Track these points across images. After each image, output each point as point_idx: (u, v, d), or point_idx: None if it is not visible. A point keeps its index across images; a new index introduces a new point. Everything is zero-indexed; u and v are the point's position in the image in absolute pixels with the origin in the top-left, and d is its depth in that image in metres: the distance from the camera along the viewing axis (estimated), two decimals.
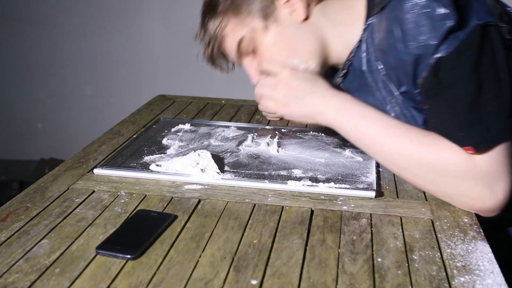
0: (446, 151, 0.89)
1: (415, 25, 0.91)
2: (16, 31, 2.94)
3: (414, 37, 0.91)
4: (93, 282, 0.70)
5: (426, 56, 0.91)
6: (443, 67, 0.90)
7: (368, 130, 0.96)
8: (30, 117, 3.09)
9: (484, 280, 0.72)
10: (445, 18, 0.88)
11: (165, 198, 0.95)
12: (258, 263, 0.75)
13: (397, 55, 0.95)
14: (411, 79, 0.96)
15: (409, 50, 0.92)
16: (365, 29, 1.02)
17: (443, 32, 0.88)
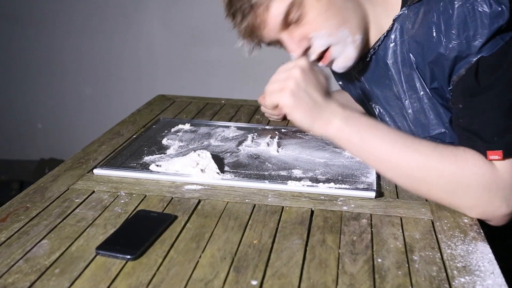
0: (470, 162, 0.86)
1: (463, 19, 0.87)
2: (16, 31, 2.94)
3: (460, 33, 0.87)
4: (93, 283, 0.70)
5: (469, 53, 0.88)
6: (484, 68, 0.87)
7: (381, 140, 0.89)
8: (30, 117, 3.09)
9: (484, 281, 0.72)
10: (498, 16, 0.85)
11: (165, 198, 0.95)
12: (258, 264, 0.75)
13: (436, 49, 0.91)
14: (446, 75, 0.93)
15: (451, 45, 0.89)
16: (396, 19, 1.00)
17: (493, 31, 0.85)
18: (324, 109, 0.90)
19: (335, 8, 0.98)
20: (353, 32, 1.00)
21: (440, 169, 0.86)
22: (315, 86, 0.90)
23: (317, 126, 0.90)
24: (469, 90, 0.89)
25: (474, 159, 0.86)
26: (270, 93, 0.93)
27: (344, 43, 1.00)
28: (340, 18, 0.99)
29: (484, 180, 0.85)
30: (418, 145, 0.88)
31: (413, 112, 1.03)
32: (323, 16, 0.98)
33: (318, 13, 0.98)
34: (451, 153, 0.87)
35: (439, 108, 1.00)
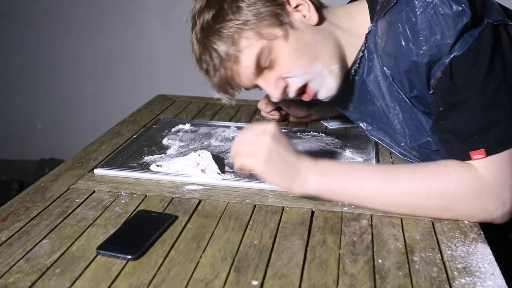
0: (452, 175, 0.86)
1: (428, 25, 0.88)
2: (16, 31, 2.93)
3: (428, 38, 0.88)
4: (94, 283, 0.70)
5: (441, 56, 0.89)
6: (458, 67, 0.88)
7: (360, 183, 0.89)
8: (30, 117, 3.09)
9: (484, 282, 0.72)
10: (460, 15, 0.86)
11: (165, 198, 0.95)
12: (258, 264, 0.75)
13: (408, 58, 0.92)
14: (424, 81, 0.93)
15: (422, 51, 0.90)
16: (367, 36, 1.02)
17: (459, 30, 0.86)
18: (298, 169, 0.89)
19: (304, 45, 1.00)
20: (328, 63, 1.02)
21: (425, 191, 0.87)
22: (286, 149, 0.90)
23: (296, 187, 0.90)
24: (447, 91, 0.90)
25: (455, 171, 0.86)
26: (240, 155, 0.92)
27: (321, 76, 1.02)
28: (311, 54, 1.01)
29: (471, 188, 0.85)
30: (397, 174, 0.89)
31: (399, 123, 1.04)
32: (293, 57, 1.00)
33: (287, 54, 1.00)
34: (432, 172, 0.87)
35: (421, 116, 1.00)
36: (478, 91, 0.87)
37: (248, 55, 0.99)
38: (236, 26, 0.98)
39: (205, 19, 1.01)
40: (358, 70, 1.05)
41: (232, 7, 0.99)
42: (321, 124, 1.39)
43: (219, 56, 1.00)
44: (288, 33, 0.99)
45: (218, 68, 1.01)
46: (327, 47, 1.02)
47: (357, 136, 1.27)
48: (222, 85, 1.04)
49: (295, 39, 1.00)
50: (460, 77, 0.88)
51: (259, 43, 0.98)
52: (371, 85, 1.04)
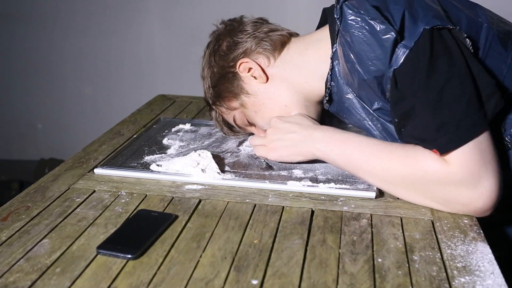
0: (421, 161, 0.89)
1: (363, 46, 0.94)
2: (16, 31, 2.93)
3: (367, 57, 0.94)
4: (94, 282, 0.70)
5: (384, 70, 0.93)
6: (400, 78, 0.92)
7: (352, 153, 0.98)
8: (30, 117, 3.09)
9: (484, 281, 0.72)
10: (386, 32, 0.91)
11: (165, 198, 0.95)
12: (258, 263, 0.75)
13: (358, 76, 0.98)
14: (380, 95, 0.98)
15: (367, 69, 0.95)
16: (332, 57, 1.06)
17: (389, 46, 0.91)
18: (301, 141, 1.05)
19: (261, 106, 1.14)
20: (286, 112, 1.13)
21: (399, 171, 0.92)
22: (286, 131, 1.07)
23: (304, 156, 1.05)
24: (397, 102, 0.94)
25: (424, 157, 0.89)
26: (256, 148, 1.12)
27: None
28: (268, 111, 1.14)
29: (437, 176, 0.88)
30: (381, 150, 0.95)
31: (379, 133, 1.07)
32: (256, 118, 1.16)
33: (252, 117, 1.16)
34: (404, 154, 0.92)
35: (389, 127, 1.04)
36: (422, 97, 0.90)
37: (229, 121, 1.21)
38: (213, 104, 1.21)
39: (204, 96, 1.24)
40: (332, 88, 1.09)
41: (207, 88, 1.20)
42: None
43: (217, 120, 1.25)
44: (244, 102, 1.15)
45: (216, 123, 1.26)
46: (281, 98, 1.13)
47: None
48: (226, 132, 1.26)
49: (251, 104, 1.15)
50: (404, 86, 0.92)
51: (230, 114, 1.19)
52: (346, 102, 1.09)
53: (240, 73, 1.14)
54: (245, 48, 1.14)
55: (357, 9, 0.94)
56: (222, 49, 1.16)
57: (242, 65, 1.13)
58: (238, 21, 1.19)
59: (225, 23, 1.20)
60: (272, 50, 1.13)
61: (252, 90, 1.14)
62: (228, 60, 1.15)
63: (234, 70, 1.14)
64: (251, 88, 1.14)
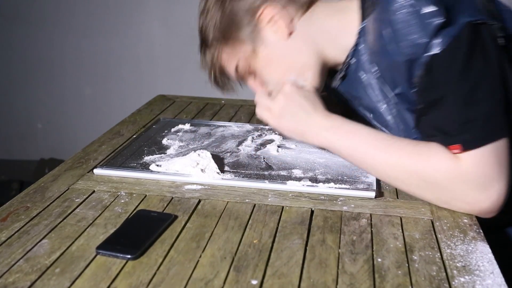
0: (433, 159, 0.88)
1: (404, 25, 0.91)
2: (16, 31, 2.94)
3: (405, 37, 0.91)
4: (94, 282, 0.70)
5: (418, 55, 0.91)
6: (437, 65, 0.90)
7: (358, 145, 0.97)
8: (30, 117, 3.09)
9: (484, 281, 0.72)
10: (433, 16, 0.88)
11: (165, 198, 0.95)
12: (258, 263, 0.75)
13: (389, 56, 0.95)
14: (406, 79, 0.96)
15: (401, 50, 0.92)
16: (360, 32, 1.03)
17: (432, 30, 0.88)
18: (309, 125, 1.01)
19: (275, 59, 1.08)
20: (301, 72, 1.06)
21: (408, 168, 0.91)
22: (299, 106, 1.01)
23: (307, 139, 1.03)
24: (426, 89, 0.92)
25: (437, 155, 0.88)
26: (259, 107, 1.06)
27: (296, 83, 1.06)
28: (282, 67, 1.07)
29: (448, 175, 0.87)
30: (390, 145, 0.94)
31: (392, 118, 1.05)
32: (265, 71, 1.09)
33: (260, 69, 1.09)
34: (416, 151, 0.91)
35: (405, 113, 1.02)
36: (455, 89, 0.89)
37: (229, 68, 1.12)
38: (216, 44, 1.09)
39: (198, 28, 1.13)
40: (350, 65, 1.06)
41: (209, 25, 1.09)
42: None
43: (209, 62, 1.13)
44: (258, 50, 1.07)
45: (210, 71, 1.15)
46: (301, 57, 1.07)
47: None
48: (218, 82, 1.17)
49: (265, 55, 1.07)
50: (438, 75, 0.90)
51: (235, 59, 1.10)
52: (365, 81, 1.05)
53: (260, 21, 1.06)
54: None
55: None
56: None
57: (265, 13, 1.05)
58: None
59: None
60: (300, 5, 1.06)
61: (270, 42, 1.06)
62: (247, 3, 1.05)
63: (253, 16, 1.06)
64: (269, 40, 1.06)
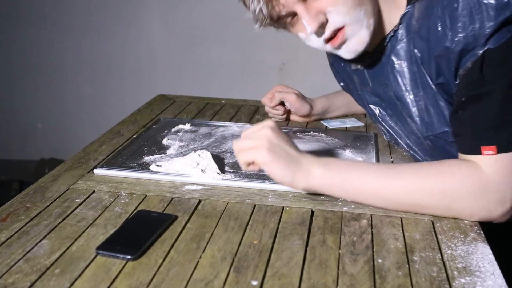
0: (457, 174, 0.86)
1: (469, 12, 0.86)
2: (16, 31, 2.94)
3: (466, 25, 0.86)
4: (93, 283, 0.70)
5: (475, 46, 0.87)
6: (489, 61, 0.87)
7: (363, 176, 0.90)
8: (30, 117, 3.09)
9: (484, 282, 0.72)
10: (504, 8, 0.84)
11: (165, 198, 0.95)
12: (258, 264, 0.75)
13: (442, 43, 0.90)
14: (453, 69, 0.92)
15: (457, 38, 0.88)
16: (402, 17, 1.00)
17: (499, 23, 0.84)
18: (300, 162, 0.91)
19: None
20: (368, 15, 0.98)
21: (428, 189, 0.87)
22: (287, 142, 0.92)
23: (298, 178, 0.90)
24: (473, 83, 0.89)
25: (460, 170, 0.86)
26: (242, 151, 0.92)
27: (360, 24, 0.98)
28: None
29: (474, 187, 0.86)
30: (401, 171, 0.90)
31: (418, 110, 1.03)
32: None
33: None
34: (436, 171, 0.88)
35: (443, 106, 0.99)
36: (503, 87, 0.86)
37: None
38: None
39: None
40: (385, 48, 1.03)
41: None
42: (321, 124, 1.39)
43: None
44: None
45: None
46: (372, 3, 0.99)
47: (357, 136, 1.27)
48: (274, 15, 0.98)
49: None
50: (489, 70, 0.87)
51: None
52: (397, 66, 1.02)
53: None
54: None
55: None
56: None
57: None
58: None
59: None
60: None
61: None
62: None
63: None
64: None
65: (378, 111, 1.14)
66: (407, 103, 1.03)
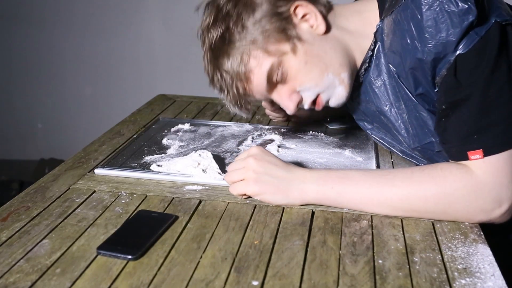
0: (449, 178, 0.87)
1: (433, 22, 0.87)
2: (16, 31, 2.93)
3: (433, 35, 0.88)
4: (94, 283, 0.70)
5: (446, 53, 0.88)
6: (462, 66, 0.88)
7: (357, 188, 0.91)
8: (30, 117, 3.09)
9: (485, 283, 0.72)
10: (466, 13, 0.85)
11: (166, 198, 0.95)
12: (259, 264, 0.75)
13: (414, 55, 0.91)
14: (430, 79, 0.93)
15: (427, 48, 0.89)
16: (375, 34, 1.01)
17: (464, 28, 0.85)
18: (291, 181, 0.92)
19: (313, 57, 1.00)
20: (338, 72, 1.01)
21: (422, 195, 0.88)
22: (273, 165, 0.93)
23: (293, 199, 0.92)
24: (450, 89, 0.89)
25: (452, 173, 0.87)
26: (234, 184, 0.95)
27: (333, 87, 1.02)
28: (321, 65, 1.00)
29: (467, 190, 0.86)
30: (393, 178, 0.90)
31: (403, 123, 1.04)
32: (303, 70, 0.99)
33: (298, 69, 0.99)
34: (428, 175, 0.88)
35: (426, 117, 1.00)
36: (480, 90, 0.86)
37: (258, 74, 0.99)
38: (244, 46, 0.98)
39: (213, 39, 1.00)
40: (368, 69, 1.04)
41: (238, 26, 0.98)
42: (321, 124, 1.38)
43: (230, 76, 1.00)
44: (296, 47, 0.98)
45: (231, 87, 1.02)
46: (337, 56, 1.01)
47: (357, 136, 1.27)
48: (237, 102, 1.04)
49: (304, 52, 0.99)
50: (464, 75, 0.88)
51: (268, 61, 0.98)
52: (376, 83, 1.03)
53: (294, 16, 0.99)
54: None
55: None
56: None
57: (299, 9, 0.99)
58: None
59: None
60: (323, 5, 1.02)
61: (306, 38, 0.99)
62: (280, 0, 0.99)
63: (288, 11, 0.99)
64: (305, 36, 0.99)
65: (365, 125, 1.15)
66: (391, 117, 1.04)
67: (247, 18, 0.97)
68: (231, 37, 0.98)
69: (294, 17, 1.00)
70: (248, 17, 0.97)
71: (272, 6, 0.98)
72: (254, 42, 0.97)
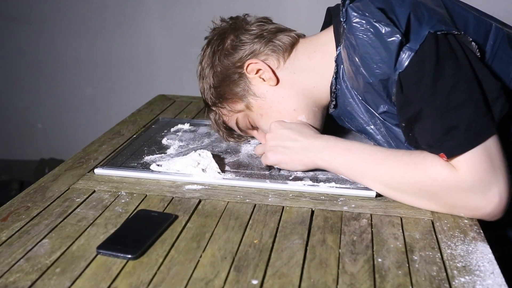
0: (429, 168, 0.88)
1: (368, 48, 0.92)
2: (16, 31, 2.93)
3: (372, 60, 0.93)
4: (94, 282, 0.70)
5: (389, 73, 0.92)
6: (405, 82, 0.91)
7: (355, 161, 0.97)
8: (30, 117, 3.09)
9: (484, 281, 0.72)
10: (391, 35, 0.90)
11: (165, 198, 0.95)
12: (258, 263, 0.75)
13: (364, 80, 0.96)
14: (385, 98, 0.97)
15: (372, 72, 0.94)
16: (336, 60, 1.05)
17: (395, 48, 0.90)
18: (303, 150, 1.02)
19: (267, 110, 1.10)
20: (293, 117, 1.09)
21: (406, 178, 0.91)
22: (286, 138, 1.04)
23: (308, 163, 1.02)
24: (403, 107, 0.93)
25: (432, 164, 0.88)
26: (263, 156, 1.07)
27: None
28: (275, 115, 1.10)
29: (446, 183, 0.87)
30: (386, 157, 0.94)
31: (382, 137, 1.06)
32: (262, 121, 1.12)
33: (257, 120, 1.12)
34: (412, 161, 0.91)
35: (395, 129, 1.02)
36: (428, 101, 0.89)
37: (231, 123, 1.17)
38: (213, 107, 1.16)
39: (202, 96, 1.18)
40: (337, 92, 1.08)
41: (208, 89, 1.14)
42: None
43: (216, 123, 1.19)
44: (250, 103, 1.11)
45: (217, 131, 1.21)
46: (290, 103, 1.09)
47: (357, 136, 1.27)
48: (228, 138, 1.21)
49: (258, 107, 1.11)
50: (410, 91, 0.91)
51: (233, 116, 1.15)
52: (350, 105, 1.07)
53: (248, 74, 1.09)
54: (253, 48, 1.09)
55: (362, 12, 0.92)
56: (227, 48, 1.11)
57: (251, 66, 1.09)
58: (242, 19, 1.14)
59: (227, 21, 1.15)
60: (282, 52, 1.09)
61: (260, 93, 1.10)
62: (234, 60, 1.10)
63: (241, 71, 1.10)
64: (259, 91, 1.10)
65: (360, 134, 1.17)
66: (371, 133, 1.08)
67: (212, 81, 1.13)
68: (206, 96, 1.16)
69: (248, 75, 1.10)
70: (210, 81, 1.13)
71: (226, 70, 1.11)
72: (217, 104, 1.15)
